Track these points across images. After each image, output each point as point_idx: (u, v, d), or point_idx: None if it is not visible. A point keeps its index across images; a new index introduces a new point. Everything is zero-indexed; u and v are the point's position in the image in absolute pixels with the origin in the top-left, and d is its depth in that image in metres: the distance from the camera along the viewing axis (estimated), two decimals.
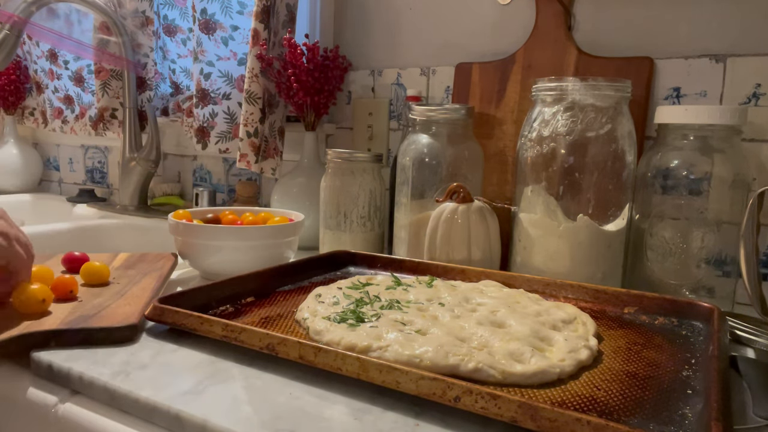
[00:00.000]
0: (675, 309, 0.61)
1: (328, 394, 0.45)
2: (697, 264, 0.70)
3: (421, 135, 0.84)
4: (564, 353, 0.49)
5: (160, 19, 1.32)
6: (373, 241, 0.92)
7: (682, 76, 0.82)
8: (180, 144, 1.42)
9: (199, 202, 1.28)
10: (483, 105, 0.94)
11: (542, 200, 0.73)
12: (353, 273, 0.79)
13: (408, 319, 0.55)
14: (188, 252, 0.78)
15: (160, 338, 0.55)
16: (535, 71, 0.90)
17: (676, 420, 0.40)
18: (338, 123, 1.17)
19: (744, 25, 0.78)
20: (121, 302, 0.61)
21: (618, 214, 0.72)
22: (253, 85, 1.02)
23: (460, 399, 0.40)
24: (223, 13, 1.14)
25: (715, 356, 0.47)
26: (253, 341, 0.50)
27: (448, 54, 1.02)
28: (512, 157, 0.91)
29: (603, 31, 0.87)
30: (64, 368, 0.48)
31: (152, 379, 0.46)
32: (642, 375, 0.48)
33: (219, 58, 1.14)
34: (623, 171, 0.71)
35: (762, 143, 0.77)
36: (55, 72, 1.49)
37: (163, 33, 1.34)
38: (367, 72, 1.12)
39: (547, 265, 0.73)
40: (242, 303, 0.64)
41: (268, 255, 0.77)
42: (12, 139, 1.67)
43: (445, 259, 0.77)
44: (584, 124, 0.70)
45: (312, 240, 0.98)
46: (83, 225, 1.20)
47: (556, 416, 0.37)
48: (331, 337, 0.51)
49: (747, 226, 0.63)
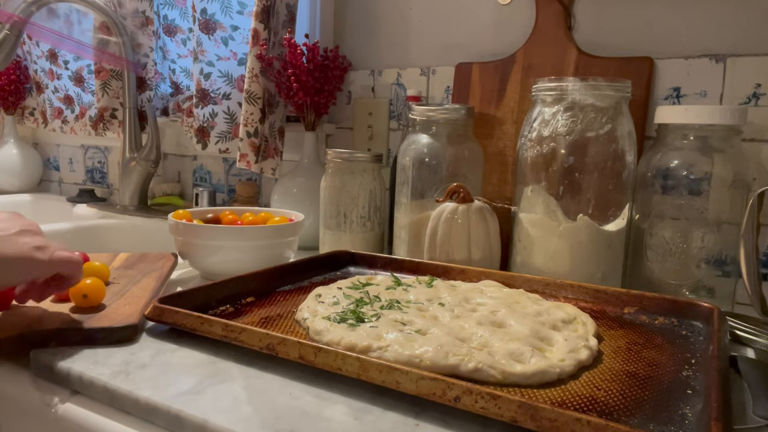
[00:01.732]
0: (675, 309, 0.61)
1: (328, 394, 0.45)
2: (697, 264, 0.70)
3: (421, 135, 0.84)
4: (564, 353, 0.49)
5: (160, 19, 1.32)
6: (373, 241, 0.92)
7: (682, 76, 0.82)
8: (180, 144, 1.42)
9: (199, 202, 1.28)
10: (483, 105, 0.94)
11: (542, 200, 0.73)
12: (353, 273, 0.79)
13: (408, 319, 0.55)
14: (188, 252, 0.78)
15: (160, 338, 0.55)
16: (535, 71, 0.90)
17: (676, 420, 0.40)
18: (338, 123, 1.17)
19: (744, 25, 0.78)
20: (121, 302, 0.61)
21: (618, 214, 0.72)
22: (253, 85, 1.02)
23: (460, 399, 0.40)
24: (223, 13, 1.14)
25: (715, 356, 0.47)
26: (253, 341, 0.50)
27: (448, 54, 1.02)
28: (512, 157, 0.91)
29: (603, 31, 0.87)
30: (64, 368, 0.48)
31: (152, 379, 0.46)
32: (642, 375, 0.48)
33: (219, 58, 1.14)
34: (623, 171, 0.71)
35: (762, 143, 0.77)
36: (55, 72, 1.49)
37: (163, 33, 1.34)
38: (367, 72, 1.12)
39: (547, 265, 0.73)
40: (242, 303, 0.64)
41: (268, 255, 0.77)
42: (12, 139, 1.67)
43: (445, 259, 0.77)
44: (584, 124, 0.70)
45: (312, 240, 0.98)
46: (83, 225, 1.20)
47: (556, 416, 0.37)
48: (331, 337, 0.51)
49: (747, 226, 0.63)
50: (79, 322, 0.54)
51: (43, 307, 0.59)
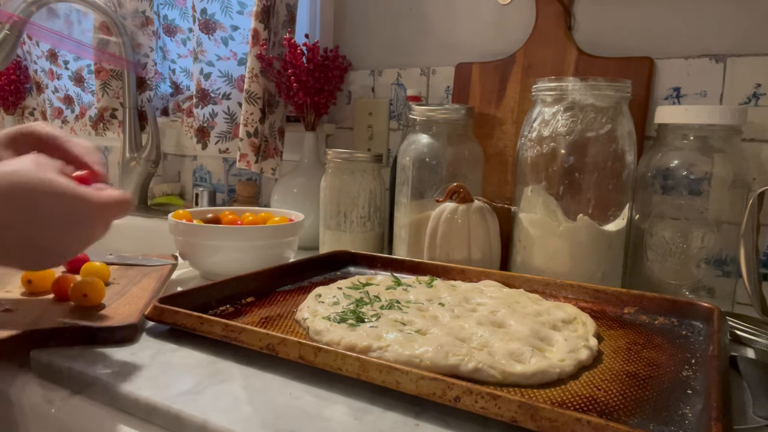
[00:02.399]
0: (675, 309, 0.61)
1: (328, 394, 0.45)
2: (697, 264, 0.70)
3: (421, 135, 0.84)
4: (564, 353, 0.49)
5: (160, 19, 1.32)
6: (373, 241, 0.92)
7: (682, 76, 0.82)
8: (180, 144, 1.42)
9: (199, 202, 1.28)
10: (483, 105, 0.94)
11: (542, 200, 0.73)
12: (353, 273, 0.79)
13: (408, 319, 0.55)
14: (188, 252, 0.78)
15: (160, 338, 0.55)
16: (535, 71, 0.90)
17: (676, 420, 0.40)
18: (338, 123, 1.17)
19: (744, 25, 0.78)
20: (121, 302, 0.61)
21: (618, 214, 0.72)
22: (253, 85, 1.02)
23: (460, 399, 0.40)
24: (223, 13, 1.14)
25: (715, 356, 0.47)
26: (253, 341, 0.50)
27: (448, 54, 1.02)
28: (512, 157, 0.91)
29: (603, 31, 0.87)
30: (64, 368, 0.48)
31: (152, 379, 0.46)
32: (642, 375, 0.48)
33: (219, 58, 1.14)
34: (623, 171, 0.71)
35: (762, 143, 0.77)
36: (55, 72, 1.49)
37: (163, 33, 1.34)
38: (367, 72, 1.12)
39: (547, 265, 0.73)
40: (242, 303, 0.64)
41: (268, 255, 0.77)
42: None
43: (445, 259, 0.77)
44: (584, 124, 0.70)
45: (312, 240, 0.98)
46: None
47: (556, 416, 0.37)
48: (331, 337, 0.51)
49: (747, 226, 0.63)
50: (79, 322, 0.54)
51: (43, 307, 0.59)
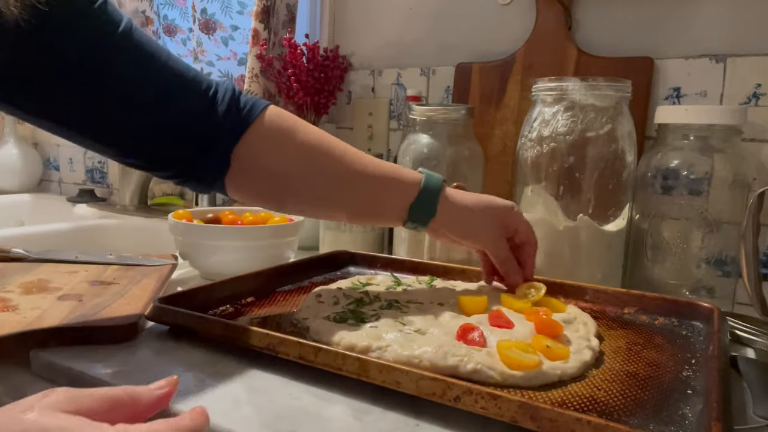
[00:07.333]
0: (675, 309, 0.61)
1: (328, 394, 0.45)
2: (697, 264, 0.70)
3: (421, 135, 0.84)
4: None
5: (160, 19, 1.32)
6: (373, 241, 0.92)
7: (682, 76, 0.82)
8: None
9: (199, 202, 1.28)
10: (483, 105, 0.94)
11: (542, 200, 0.73)
12: (353, 273, 0.79)
13: (408, 319, 0.55)
14: (188, 252, 0.78)
15: (160, 338, 0.55)
16: (535, 71, 0.90)
17: (676, 420, 0.40)
18: (338, 123, 1.17)
19: (744, 25, 0.78)
20: (121, 302, 0.61)
21: (618, 214, 0.72)
22: (253, 85, 1.02)
23: (461, 399, 0.40)
24: (223, 13, 1.14)
25: (715, 356, 0.47)
26: (253, 341, 0.50)
27: (448, 54, 1.02)
28: (512, 157, 0.91)
29: (603, 31, 0.87)
30: (64, 367, 0.48)
31: (152, 379, 0.46)
32: (642, 375, 0.48)
33: (219, 58, 1.14)
34: (623, 171, 0.71)
35: (762, 143, 0.77)
36: None
37: (163, 33, 1.34)
38: (367, 72, 1.11)
39: (547, 265, 0.73)
40: (242, 303, 0.63)
41: (268, 255, 0.77)
42: (12, 139, 1.67)
43: (445, 259, 0.77)
44: (584, 124, 0.70)
45: (312, 240, 0.98)
46: (83, 225, 1.20)
47: (557, 416, 0.37)
48: (331, 337, 0.51)
49: (747, 226, 0.63)
50: (79, 322, 0.54)
51: (43, 307, 0.59)
